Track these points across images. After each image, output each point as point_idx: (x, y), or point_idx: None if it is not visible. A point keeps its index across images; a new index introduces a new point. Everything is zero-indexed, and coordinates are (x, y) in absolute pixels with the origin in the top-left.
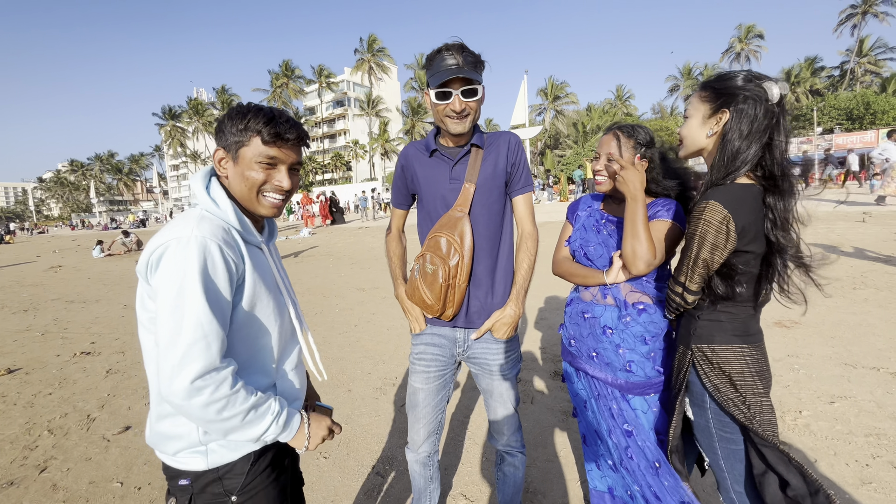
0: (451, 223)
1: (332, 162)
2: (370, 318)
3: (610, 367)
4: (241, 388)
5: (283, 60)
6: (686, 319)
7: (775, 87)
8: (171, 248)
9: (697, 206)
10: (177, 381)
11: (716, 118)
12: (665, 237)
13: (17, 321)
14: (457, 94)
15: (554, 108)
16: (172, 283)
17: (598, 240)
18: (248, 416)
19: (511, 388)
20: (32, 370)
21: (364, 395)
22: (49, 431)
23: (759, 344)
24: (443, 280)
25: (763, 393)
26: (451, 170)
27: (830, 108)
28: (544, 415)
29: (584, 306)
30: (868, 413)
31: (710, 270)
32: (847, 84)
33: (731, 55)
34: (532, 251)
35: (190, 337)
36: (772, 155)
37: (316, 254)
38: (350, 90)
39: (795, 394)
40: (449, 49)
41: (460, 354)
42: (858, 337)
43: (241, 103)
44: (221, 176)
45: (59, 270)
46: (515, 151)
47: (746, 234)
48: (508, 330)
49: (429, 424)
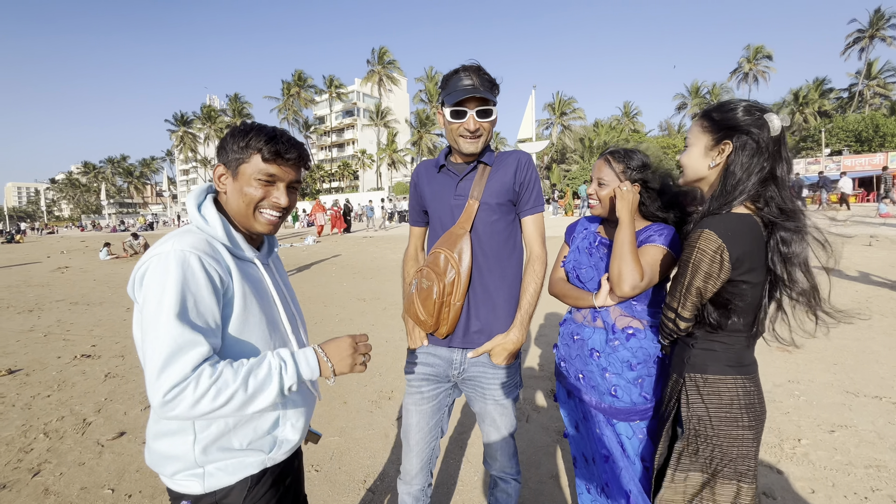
0: (452, 240)
1: (340, 170)
2: (369, 329)
3: (596, 391)
4: (223, 369)
5: (296, 70)
6: (680, 347)
7: (776, 120)
8: (153, 265)
9: (692, 233)
10: (157, 395)
11: (718, 149)
12: (656, 262)
13: (21, 321)
14: (472, 113)
15: (561, 123)
16: (152, 297)
17: (590, 262)
18: (250, 386)
19: (506, 414)
20: (33, 371)
21: (359, 407)
22: (45, 434)
23: (752, 375)
24: (437, 297)
25: (747, 426)
26: (457, 186)
27: (839, 130)
28: (539, 434)
29: (575, 328)
30: (868, 444)
31: (703, 299)
32: (856, 106)
33: (739, 75)
34: (539, 274)
35: (165, 350)
36: (776, 187)
37: (334, 264)
38: (360, 100)
39: (795, 421)
40: (466, 70)
41: (456, 376)
42: (861, 364)
43: (244, 122)
44: (220, 192)
45: (65, 271)
46: (525, 170)
47: (741, 264)
48: (508, 357)
49: (422, 453)
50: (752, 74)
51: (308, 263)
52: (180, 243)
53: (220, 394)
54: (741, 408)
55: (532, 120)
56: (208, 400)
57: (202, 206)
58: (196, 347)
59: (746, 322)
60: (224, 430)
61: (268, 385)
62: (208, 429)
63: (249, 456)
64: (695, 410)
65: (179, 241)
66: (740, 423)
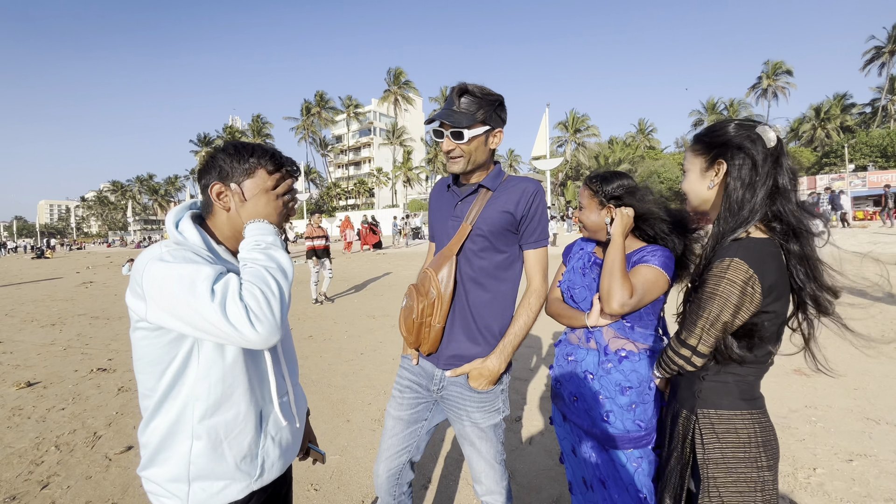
0: (440, 260)
1: (356, 188)
2: (377, 346)
3: (589, 415)
4: (251, 276)
5: (318, 91)
6: (687, 379)
7: (770, 132)
8: (154, 262)
9: (717, 262)
10: (247, 334)
11: (714, 170)
12: (648, 282)
13: (43, 335)
14: (447, 134)
15: (575, 141)
16: (171, 282)
17: (583, 283)
18: (273, 263)
19: (485, 438)
20: (50, 384)
21: (362, 426)
22: (56, 447)
23: (764, 409)
24: (416, 316)
25: (766, 466)
26: (455, 207)
27: (862, 145)
28: (541, 458)
29: (570, 348)
30: (889, 475)
31: (727, 333)
32: (880, 121)
33: (757, 91)
34: (534, 308)
35: (210, 303)
36: (782, 200)
37: (344, 281)
38: (376, 120)
39: (811, 448)
40: (454, 90)
41: (436, 392)
42: (884, 389)
43: (232, 141)
44: (220, 209)
45: (89, 286)
46: (530, 201)
47: (771, 293)
48: (484, 382)
49: (390, 461)
50: (771, 90)
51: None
52: (167, 244)
53: (269, 284)
54: (759, 446)
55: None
56: (273, 297)
57: (180, 223)
58: (229, 284)
59: (764, 353)
60: (215, 444)
61: (275, 252)
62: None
63: (236, 482)
64: (711, 453)
65: (165, 244)
66: (759, 463)
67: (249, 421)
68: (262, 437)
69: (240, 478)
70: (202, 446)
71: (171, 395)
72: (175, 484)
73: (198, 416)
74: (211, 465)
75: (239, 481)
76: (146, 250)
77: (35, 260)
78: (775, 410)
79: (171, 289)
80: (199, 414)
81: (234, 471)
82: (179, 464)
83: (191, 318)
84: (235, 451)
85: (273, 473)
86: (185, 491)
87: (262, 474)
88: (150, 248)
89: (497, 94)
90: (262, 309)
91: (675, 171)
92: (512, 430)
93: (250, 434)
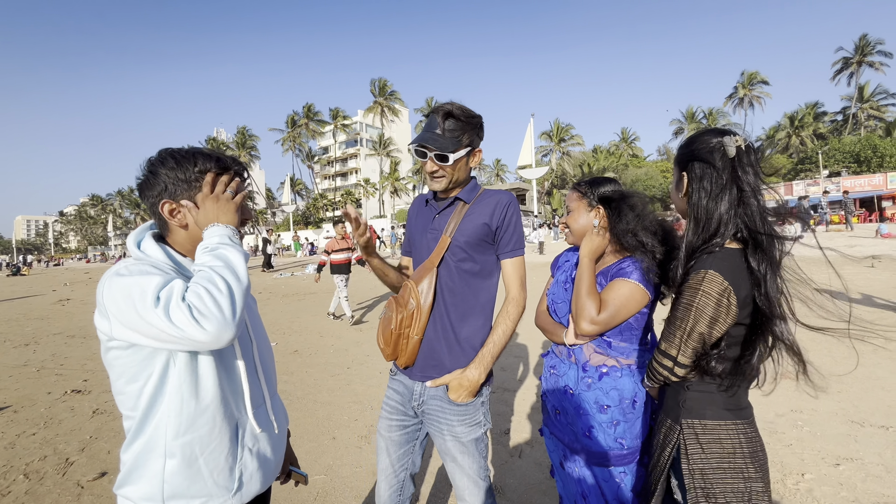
0: (420, 273)
1: (343, 199)
2: (364, 359)
3: (571, 430)
4: (199, 278)
5: (307, 103)
6: (673, 389)
7: (728, 141)
8: (109, 278)
9: (693, 275)
10: (195, 333)
11: (683, 181)
12: (623, 297)
13: (16, 355)
14: (430, 155)
15: (560, 150)
16: (121, 291)
17: (565, 297)
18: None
19: (466, 453)
20: (21, 408)
21: (348, 443)
22: (25, 476)
23: (751, 419)
24: (395, 327)
25: (755, 477)
26: (434, 219)
27: (835, 152)
28: (532, 471)
29: (554, 361)
30: (876, 478)
31: (706, 345)
32: (851, 128)
33: (734, 100)
34: (513, 316)
35: (154, 307)
36: (745, 208)
37: (334, 292)
38: (363, 131)
39: (798, 454)
40: (437, 112)
41: (417, 408)
42: (866, 391)
43: (169, 150)
44: (175, 226)
45: (66, 304)
46: (504, 212)
47: (746, 305)
48: (464, 394)
49: (390, 480)
50: (747, 100)
51: (309, 293)
52: (127, 260)
53: (216, 283)
54: (745, 457)
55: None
56: (221, 294)
57: (141, 243)
58: (174, 288)
59: (746, 365)
60: (190, 462)
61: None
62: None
63: (213, 498)
64: (696, 464)
65: (126, 259)
66: (746, 474)
67: (225, 434)
68: (239, 450)
69: (217, 493)
70: (176, 464)
71: (152, 412)
72: (149, 503)
73: (171, 434)
74: (186, 483)
75: (216, 497)
76: (109, 269)
77: (10, 277)
78: (761, 415)
79: (125, 301)
80: (173, 431)
81: (211, 487)
82: (153, 482)
83: (143, 328)
84: (212, 467)
85: (252, 486)
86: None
87: (240, 488)
88: (113, 266)
89: (478, 116)
90: (206, 306)
91: (658, 178)
92: (500, 443)
93: (226, 447)
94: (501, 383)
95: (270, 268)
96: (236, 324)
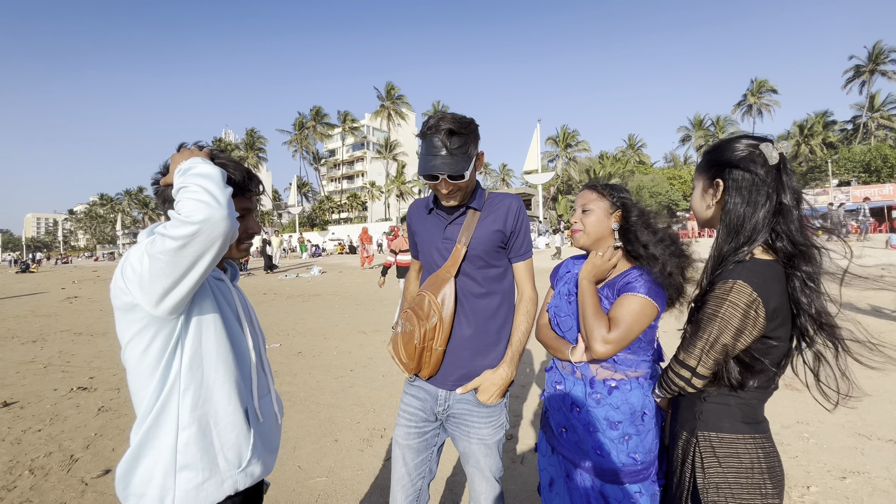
0: (437, 283)
1: (349, 202)
2: (367, 362)
3: (580, 448)
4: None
5: (314, 106)
6: (688, 400)
7: (772, 149)
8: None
9: (720, 284)
10: (156, 239)
11: (713, 188)
12: (634, 313)
13: (24, 352)
14: (443, 177)
15: (566, 156)
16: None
17: (569, 310)
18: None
19: (490, 455)
20: (28, 404)
21: (350, 446)
22: (30, 471)
23: (768, 434)
24: (418, 341)
25: (772, 493)
26: (445, 229)
27: (845, 161)
28: (533, 477)
29: (558, 376)
30: (883, 492)
31: (728, 357)
32: (861, 138)
33: (743, 108)
34: (531, 313)
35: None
36: (785, 220)
37: (338, 294)
38: (370, 134)
39: (804, 466)
40: (438, 131)
41: (441, 413)
42: (874, 404)
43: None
44: None
45: (73, 301)
46: (516, 217)
47: (775, 318)
48: (496, 394)
49: (406, 489)
50: (756, 107)
51: (313, 294)
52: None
53: (191, 186)
54: (763, 472)
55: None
56: (200, 191)
57: None
58: None
59: (768, 378)
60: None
61: (193, 167)
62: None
63: (219, 472)
64: (711, 478)
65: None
66: (764, 489)
67: (238, 413)
68: (248, 430)
69: (225, 468)
70: (191, 435)
71: (167, 384)
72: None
73: (188, 406)
74: (199, 455)
75: (223, 472)
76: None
77: (20, 274)
78: None
79: (135, 252)
80: (191, 402)
81: (220, 461)
82: (167, 454)
83: (155, 251)
84: (223, 440)
85: (256, 469)
86: (171, 483)
87: (247, 466)
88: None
89: (472, 120)
90: (192, 201)
91: (664, 185)
92: (504, 449)
93: (238, 425)
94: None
95: (272, 269)
96: (227, 208)
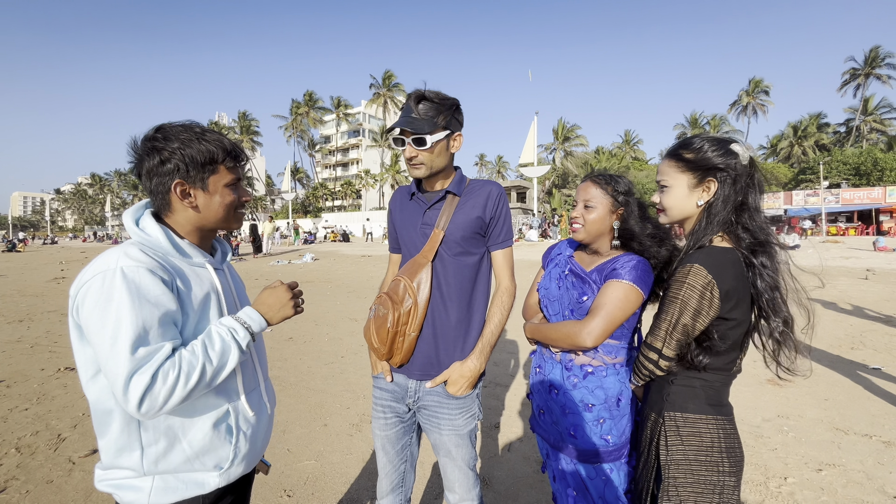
0: (414, 268)
1: (343, 189)
2: (358, 349)
3: (556, 428)
4: (181, 356)
5: (307, 91)
6: (657, 384)
7: (742, 149)
8: (94, 287)
9: (680, 269)
10: (131, 407)
11: (703, 187)
12: (618, 299)
13: (10, 331)
14: (408, 141)
15: (563, 149)
16: (102, 324)
17: (556, 294)
18: (213, 358)
19: (462, 445)
20: (14, 384)
21: (339, 431)
22: (17, 450)
23: (731, 417)
24: (391, 325)
25: (728, 472)
26: (424, 214)
27: (837, 163)
28: (520, 465)
29: (539, 359)
30: (856, 484)
31: (689, 337)
32: (853, 141)
33: (738, 107)
34: (507, 305)
35: (124, 371)
36: (752, 214)
37: (329, 282)
38: (365, 122)
39: (782, 458)
40: (411, 97)
41: (412, 405)
42: (853, 400)
43: (181, 125)
44: (185, 208)
45: (61, 282)
46: (496, 204)
47: (730, 299)
48: (465, 385)
49: (391, 476)
50: (751, 107)
51: (305, 281)
52: (126, 259)
53: (190, 377)
54: (721, 451)
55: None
56: (181, 388)
57: (140, 220)
58: (155, 355)
59: (728, 361)
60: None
61: (229, 352)
62: (156, 444)
63: (198, 473)
64: (673, 454)
65: (125, 258)
66: (720, 467)
67: (209, 417)
68: (226, 432)
69: (203, 472)
70: (159, 449)
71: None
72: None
73: (150, 422)
74: (174, 465)
75: (202, 474)
76: (98, 261)
77: (5, 253)
78: (748, 419)
79: (100, 328)
80: (151, 425)
81: (197, 466)
82: (136, 470)
83: (102, 360)
84: (196, 448)
85: (237, 469)
86: (148, 483)
87: (228, 468)
88: (109, 254)
89: (453, 98)
90: (160, 393)
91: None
92: (490, 437)
93: (209, 429)
94: (493, 378)
95: (260, 251)
96: (164, 411)
